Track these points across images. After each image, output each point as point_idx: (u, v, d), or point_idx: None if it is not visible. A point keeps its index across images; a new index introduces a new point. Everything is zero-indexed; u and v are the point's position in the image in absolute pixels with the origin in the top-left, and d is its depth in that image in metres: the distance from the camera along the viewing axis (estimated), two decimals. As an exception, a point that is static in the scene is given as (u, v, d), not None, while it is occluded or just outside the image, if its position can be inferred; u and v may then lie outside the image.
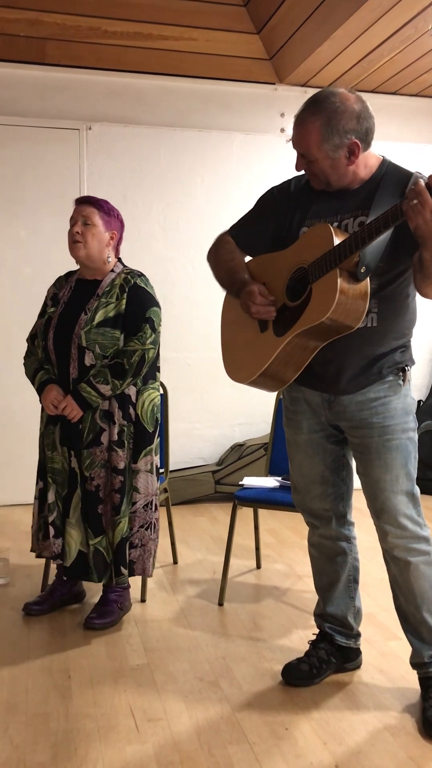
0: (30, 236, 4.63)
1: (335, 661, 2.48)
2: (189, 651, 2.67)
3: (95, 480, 2.76)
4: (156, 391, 2.90)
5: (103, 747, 2.08)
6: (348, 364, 2.19)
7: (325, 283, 2.03)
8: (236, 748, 2.08)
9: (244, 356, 2.31)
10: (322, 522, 2.45)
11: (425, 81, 4.84)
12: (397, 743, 2.11)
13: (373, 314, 2.14)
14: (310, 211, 2.22)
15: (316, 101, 2.09)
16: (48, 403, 2.77)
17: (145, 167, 4.80)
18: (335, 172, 2.13)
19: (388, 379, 2.20)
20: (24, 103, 4.56)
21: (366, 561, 3.16)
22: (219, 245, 2.42)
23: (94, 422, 2.76)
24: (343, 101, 2.07)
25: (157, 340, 2.83)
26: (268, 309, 2.20)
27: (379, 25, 3.88)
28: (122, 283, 2.83)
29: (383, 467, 2.22)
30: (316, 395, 2.30)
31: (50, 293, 2.96)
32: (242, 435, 5.09)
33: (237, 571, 3.48)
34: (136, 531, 2.83)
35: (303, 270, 2.13)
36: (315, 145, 2.09)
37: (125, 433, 2.78)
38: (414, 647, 2.30)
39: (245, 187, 4.91)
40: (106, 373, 2.73)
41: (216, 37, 4.55)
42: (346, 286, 2.00)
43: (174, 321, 4.91)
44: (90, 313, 2.77)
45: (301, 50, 4.39)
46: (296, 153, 2.16)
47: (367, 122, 2.09)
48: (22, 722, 2.20)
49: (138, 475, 2.81)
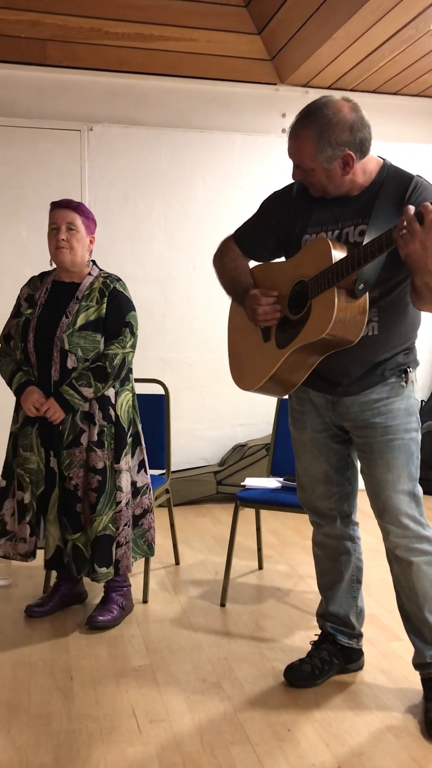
0: (31, 237, 4.63)
1: (337, 661, 2.48)
2: (191, 652, 2.67)
3: (74, 479, 2.79)
4: (130, 392, 2.93)
5: (105, 748, 2.08)
6: (350, 370, 2.20)
7: (323, 300, 2.05)
8: (239, 749, 2.08)
9: (249, 365, 2.34)
10: (327, 521, 2.46)
11: (426, 81, 4.84)
12: (400, 744, 2.10)
13: (374, 323, 2.15)
14: (312, 218, 2.23)
15: (309, 113, 2.08)
16: (29, 405, 2.78)
17: (146, 168, 4.80)
18: (331, 182, 2.14)
19: (390, 381, 2.21)
20: (25, 104, 4.57)
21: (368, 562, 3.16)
22: (223, 252, 2.43)
23: (74, 423, 2.79)
24: (336, 112, 2.05)
25: (135, 344, 2.88)
26: (274, 308, 2.21)
27: (379, 25, 3.89)
28: (102, 287, 2.85)
29: (385, 467, 2.22)
30: (321, 396, 2.31)
31: (24, 293, 2.95)
32: (244, 435, 5.09)
33: (239, 572, 3.48)
34: (121, 530, 2.84)
35: (303, 284, 2.15)
36: (309, 157, 2.09)
37: (105, 433, 2.81)
38: (416, 648, 2.30)
39: (246, 187, 4.91)
40: (89, 376, 2.75)
41: (217, 37, 4.55)
42: (344, 304, 2.01)
43: (175, 321, 4.92)
44: (71, 317, 2.79)
45: (302, 51, 4.39)
46: (293, 163, 2.17)
47: (361, 133, 2.08)
48: (25, 723, 2.20)
49: (120, 475, 2.83)
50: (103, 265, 3.60)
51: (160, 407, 3.50)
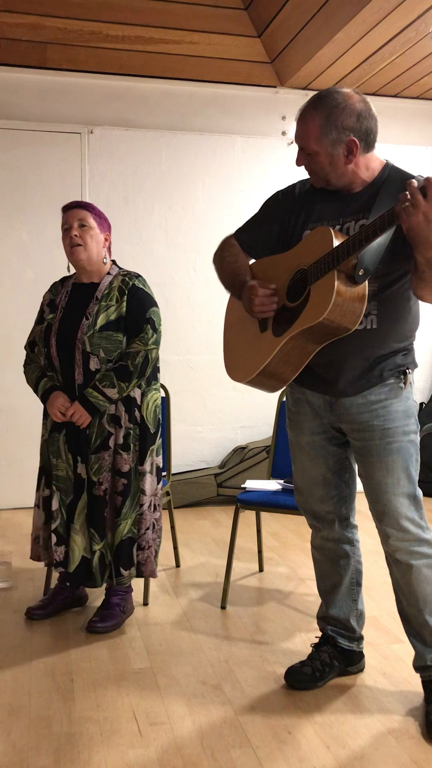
0: (32, 240, 4.64)
1: (338, 664, 2.47)
2: (192, 654, 2.67)
3: (103, 484, 2.76)
4: (157, 392, 2.91)
5: (105, 751, 2.07)
6: (348, 365, 2.19)
7: (322, 284, 2.04)
8: (239, 752, 2.07)
9: (244, 356, 2.31)
10: (325, 524, 2.45)
11: (426, 84, 4.84)
12: (401, 747, 2.10)
13: (372, 316, 2.14)
14: (313, 213, 2.24)
15: (320, 97, 2.13)
16: (55, 411, 2.76)
17: (146, 170, 4.80)
18: (334, 169, 2.14)
19: (389, 382, 2.20)
20: (25, 107, 4.57)
21: (368, 564, 3.16)
22: (224, 248, 2.44)
23: (101, 427, 2.76)
24: (345, 99, 2.10)
25: (158, 340, 2.84)
26: (271, 300, 2.21)
27: (380, 28, 3.89)
28: (121, 285, 2.82)
29: (384, 470, 2.22)
30: (318, 397, 2.31)
31: (46, 299, 2.95)
32: (244, 438, 5.09)
33: (239, 574, 3.48)
34: (143, 533, 2.83)
35: (303, 272, 2.14)
36: (313, 139, 2.12)
37: (131, 435, 2.79)
38: (417, 650, 2.29)
39: (246, 190, 4.92)
40: (112, 376, 2.72)
41: (217, 40, 4.56)
42: (343, 288, 2.01)
43: (176, 323, 4.92)
44: (91, 318, 2.76)
45: (303, 53, 4.39)
46: (298, 148, 2.19)
47: (367, 122, 2.11)
48: (25, 726, 2.20)
49: (144, 477, 2.82)
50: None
51: (160, 409, 3.49)
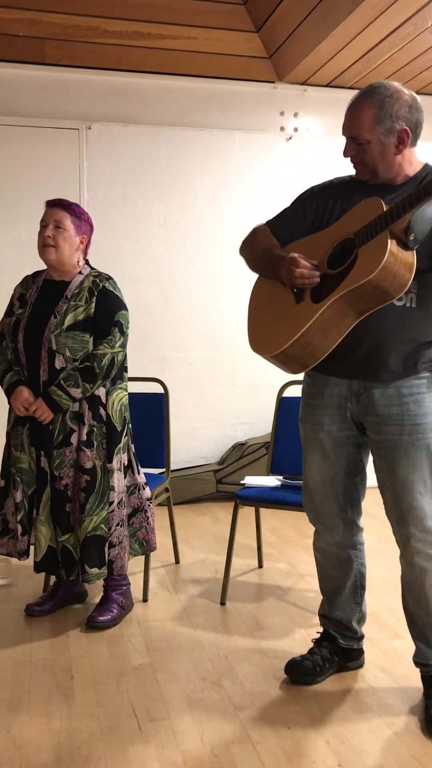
0: (30, 237, 4.60)
1: (338, 659, 2.47)
2: (191, 650, 2.67)
3: (64, 479, 2.78)
4: (124, 390, 2.91)
5: (106, 747, 2.08)
6: (383, 343, 2.12)
7: (374, 245, 1.99)
8: (239, 747, 2.08)
9: (277, 328, 2.18)
10: (328, 528, 2.40)
11: (425, 78, 4.83)
12: (400, 742, 2.10)
13: (413, 294, 2.10)
14: (351, 202, 2.19)
15: (372, 87, 2.14)
16: (18, 405, 2.78)
17: (145, 167, 4.79)
18: (384, 159, 2.13)
19: (423, 375, 2.15)
20: (23, 103, 4.56)
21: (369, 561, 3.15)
22: (255, 233, 2.37)
23: (64, 423, 2.78)
24: (396, 90, 2.12)
25: (125, 343, 2.85)
26: (312, 273, 2.12)
27: (378, 22, 3.88)
28: (91, 286, 2.83)
29: (411, 466, 2.14)
30: (345, 386, 2.23)
31: (17, 293, 2.95)
32: (244, 434, 5.09)
33: (239, 571, 3.48)
34: (114, 530, 2.84)
35: (348, 240, 2.09)
36: (368, 128, 2.11)
37: (95, 433, 2.80)
38: (419, 648, 2.28)
39: (245, 185, 4.91)
40: (77, 376, 2.74)
41: (215, 35, 4.55)
42: (395, 249, 1.96)
43: (174, 320, 4.92)
44: (59, 317, 2.77)
45: (301, 48, 4.38)
46: (346, 139, 2.17)
47: (417, 114, 2.13)
48: (25, 722, 2.20)
49: (113, 474, 2.83)
50: (102, 264, 3.60)
51: (159, 406, 3.50)
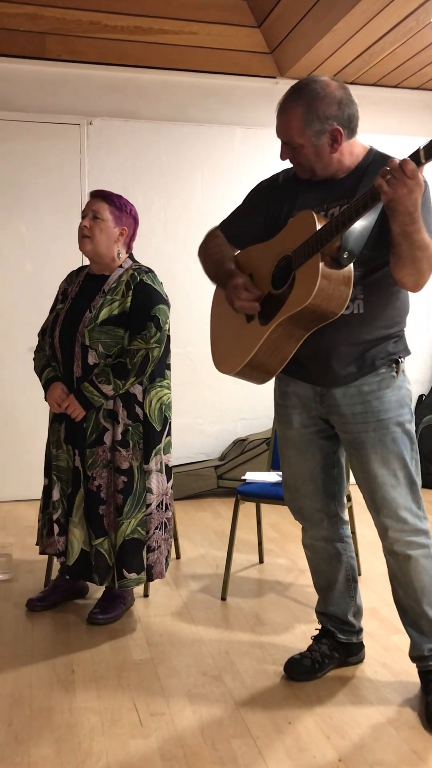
0: (31, 232, 4.63)
1: (338, 655, 2.48)
2: (192, 645, 2.68)
3: (97, 480, 2.73)
4: (165, 389, 2.83)
5: (107, 741, 2.08)
6: (336, 352, 2.15)
7: (307, 268, 2.01)
8: (239, 742, 2.08)
9: (231, 347, 2.27)
10: (312, 524, 2.42)
11: (427, 74, 4.82)
12: (400, 737, 2.11)
13: (359, 300, 2.11)
14: (297, 201, 2.20)
15: (297, 89, 2.10)
16: (52, 401, 2.76)
17: (145, 162, 4.79)
18: (320, 160, 2.12)
19: (381, 371, 2.17)
20: (24, 98, 4.56)
21: (368, 555, 3.16)
22: (208, 240, 2.41)
23: (97, 422, 2.73)
24: (323, 87, 2.06)
25: (162, 339, 2.75)
26: (252, 305, 2.15)
27: (380, 18, 3.87)
28: (128, 280, 2.77)
29: (380, 462, 2.18)
30: (308, 388, 2.27)
31: (61, 288, 2.94)
32: (244, 430, 5.09)
33: (240, 566, 3.48)
34: (152, 533, 2.79)
35: (287, 258, 2.11)
36: (297, 132, 2.08)
37: (130, 432, 2.74)
38: (413, 640, 2.29)
39: (246, 181, 4.88)
40: (109, 372, 2.68)
41: (216, 30, 4.54)
42: (328, 271, 1.97)
43: (175, 316, 4.86)
44: (94, 311, 2.73)
45: (302, 44, 4.37)
46: (280, 142, 2.15)
47: (349, 109, 2.08)
48: (27, 716, 2.21)
49: (150, 476, 2.78)
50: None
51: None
